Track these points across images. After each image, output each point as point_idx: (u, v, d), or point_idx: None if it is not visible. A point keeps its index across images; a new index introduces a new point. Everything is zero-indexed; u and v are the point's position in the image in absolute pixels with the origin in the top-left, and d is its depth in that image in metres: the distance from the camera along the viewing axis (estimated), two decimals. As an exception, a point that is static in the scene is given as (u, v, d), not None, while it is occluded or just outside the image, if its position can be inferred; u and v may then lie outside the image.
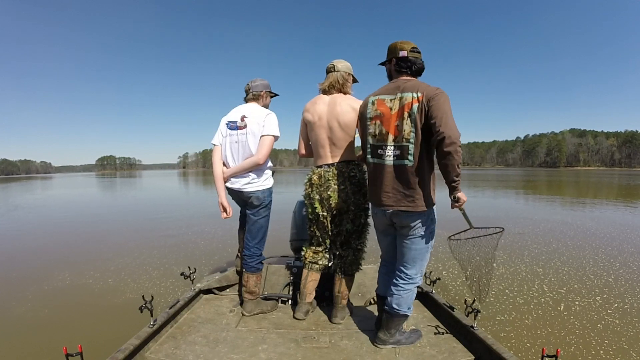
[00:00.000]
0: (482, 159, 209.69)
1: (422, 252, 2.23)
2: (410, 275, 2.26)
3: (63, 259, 6.00)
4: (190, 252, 6.24)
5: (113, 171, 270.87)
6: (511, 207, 12.63)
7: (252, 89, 2.82)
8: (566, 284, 4.34)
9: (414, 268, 2.25)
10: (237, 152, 2.71)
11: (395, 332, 2.30)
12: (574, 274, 4.74)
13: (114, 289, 4.47)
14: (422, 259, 2.25)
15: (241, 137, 2.68)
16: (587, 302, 3.81)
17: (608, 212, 10.77)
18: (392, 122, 2.10)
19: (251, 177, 2.69)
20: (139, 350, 2.09)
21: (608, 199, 15.47)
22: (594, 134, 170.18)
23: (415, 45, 2.20)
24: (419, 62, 2.18)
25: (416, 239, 2.18)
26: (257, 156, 2.63)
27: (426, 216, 2.14)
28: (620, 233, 7.43)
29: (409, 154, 2.05)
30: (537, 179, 37.45)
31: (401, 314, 2.26)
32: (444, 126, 1.90)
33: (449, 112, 1.96)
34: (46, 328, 3.45)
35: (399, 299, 2.25)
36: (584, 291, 4.10)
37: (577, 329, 3.22)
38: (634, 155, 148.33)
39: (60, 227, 9.34)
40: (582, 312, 3.57)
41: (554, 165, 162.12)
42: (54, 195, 22.82)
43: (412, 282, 2.26)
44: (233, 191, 2.78)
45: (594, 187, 24.22)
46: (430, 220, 2.17)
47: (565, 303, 3.78)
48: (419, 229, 2.15)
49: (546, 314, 3.55)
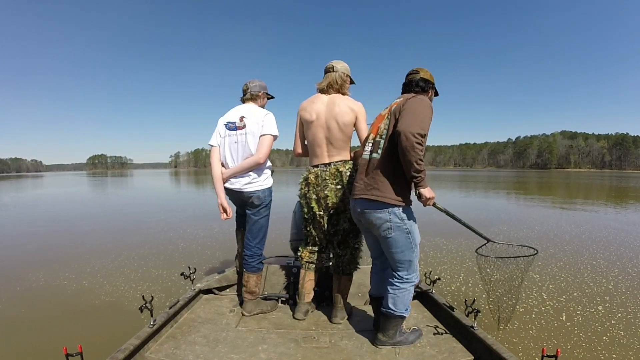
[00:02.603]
0: (474, 160, 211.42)
1: (405, 254, 2.22)
2: (402, 276, 2.25)
3: (39, 259, 5.83)
4: (169, 254, 6.06)
5: (104, 170, 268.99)
6: (503, 208, 12.52)
7: (250, 89, 2.84)
8: (565, 292, 4.17)
9: (404, 269, 2.25)
10: (237, 153, 2.71)
11: (394, 334, 2.29)
12: (572, 280, 4.57)
13: (89, 290, 4.35)
14: (408, 259, 2.23)
15: (240, 138, 2.70)
16: (589, 311, 3.63)
17: (602, 214, 10.69)
18: (377, 124, 2.28)
19: (251, 177, 2.70)
20: (138, 350, 2.10)
21: (600, 200, 15.44)
22: (585, 136, 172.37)
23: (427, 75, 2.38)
24: (412, 83, 2.34)
25: (391, 240, 2.19)
26: (257, 155, 2.65)
27: (392, 214, 2.13)
28: (617, 237, 7.30)
29: (379, 148, 2.17)
30: (528, 180, 37.56)
31: (398, 315, 2.25)
32: (402, 122, 1.98)
33: (417, 111, 2.02)
34: (19, 330, 3.33)
35: (394, 298, 2.25)
36: (585, 300, 3.94)
37: (583, 342, 3.04)
38: (625, 158, 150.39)
39: (40, 227, 8.99)
40: (586, 322, 3.40)
41: (544, 166, 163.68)
42: (41, 194, 22.25)
43: (406, 282, 2.26)
44: (232, 192, 2.76)
45: (586, 189, 24.30)
46: (400, 219, 2.14)
47: (567, 313, 3.61)
48: (388, 229, 2.16)
49: (549, 324, 3.38)
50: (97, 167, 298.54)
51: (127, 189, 26.49)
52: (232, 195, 2.80)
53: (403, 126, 1.96)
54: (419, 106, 2.06)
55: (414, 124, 1.95)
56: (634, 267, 5.16)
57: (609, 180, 39.49)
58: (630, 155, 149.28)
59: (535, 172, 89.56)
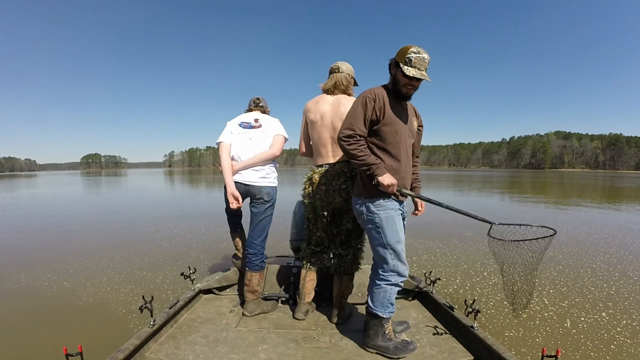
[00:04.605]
0: (468, 160, 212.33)
1: (378, 250, 2.21)
2: (379, 272, 2.23)
3: (22, 260, 5.71)
4: (153, 256, 5.89)
5: (98, 169, 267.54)
6: (498, 209, 12.42)
7: (262, 103, 3.05)
8: (567, 297, 4.02)
9: (380, 265, 2.24)
10: (251, 149, 2.79)
11: (375, 335, 2.23)
12: (573, 285, 4.43)
13: (70, 292, 4.26)
14: (383, 254, 2.20)
15: (255, 135, 2.83)
16: (593, 318, 3.49)
17: (597, 214, 10.63)
18: None
19: (265, 171, 2.79)
20: (138, 350, 2.09)
21: (594, 200, 15.38)
22: (578, 137, 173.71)
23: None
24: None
25: (367, 232, 2.28)
26: (273, 149, 2.79)
27: (363, 205, 2.20)
28: (615, 238, 7.20)
29: None
30: (522, 180, 37.65)
31: (374, 312, 2.22)
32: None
33: (349, 113, 2.18)
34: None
35: (372, 295, 2.26)
36: (587, 306, 3.79)
37: (590, 351, 2.90)
38: (618, 158, 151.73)
39: (26, 227, 8.74)
40: (591, 330, 3.26)
41: (538, 166, 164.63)
42: (32, 194, 21.94)
43: (383, 279, 2.22)
44: (242, 185, 2.77)
45: (580, 189, 24.34)
46: (371, 212, 2.17)
47: (570, 319, 3.46)
48: (363, 221, 2.26)
49: (554, 331, 3.24)
50: (91, 167, 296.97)
51: (119, 189, 26.22)
52: (240, 189, 2.79)
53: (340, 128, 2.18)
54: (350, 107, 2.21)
55: (343, 128, 2.13)
56: (635, 270, 5.03)
57: (603, 180, 39.73)
58: (623, 156, 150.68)
59: (529, 172, 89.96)
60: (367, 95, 2.13)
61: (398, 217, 2.20)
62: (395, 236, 2.18)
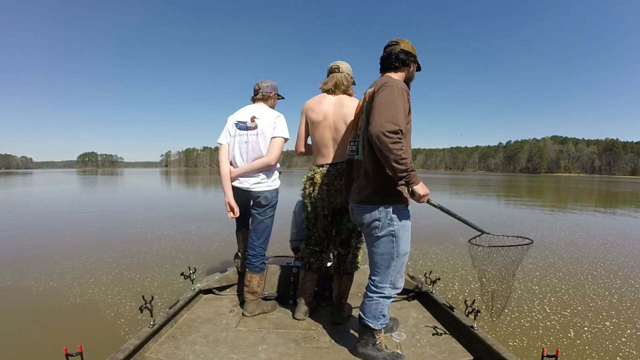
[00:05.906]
0: (465, 163, 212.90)
1: (386, 258, 2.06)
2: (375, 283, 2.12)
3: (8, 259, 5.63)
4: (142, 257, 5.79)
5: (94, 168, 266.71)
6: (495, 212, 12.36)
7: (262, 90, 2.84)
8: (569, 306, 3.91)
9: (379, 275, 2.11)
10: (247, 152, 2.72)
11: (365, 344, 2.16)
12: (574, 293, 4.32)
13: (57, 292, 4.21)
14: (387, 266, 2.07)
15: (251, 138, 2.70)
16: (597, 327, 3.38)
17: (595, 219, 10.57)
18: (356, 120, 2.19)
19: (261, 177, 2.72)
20: (138, 350, 2.08)
21: (591, 204, 15.34)
22: (575, 141, 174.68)
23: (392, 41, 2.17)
24: (391, 56, 2.12)
25: (375, 239, 2.06)
26: (268, 157, 2.68)
27: (382, 212, 1.99)
28: (615, 244, 7.12)
29: (360, 148, 2.08)
30: (519, 184, 37.67)
31: (365, 322, 2.14)
32: (373, 123, 1.82)
33: (385, 106, 1.84)
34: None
35: (363, 305, 2.17)
36: (590, 314, 3.68)
37: (596, 364, 2.80)
38: (614, 163, 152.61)
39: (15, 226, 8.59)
40: (596, 340, 3.15)
41: (534, 171, 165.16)
42: (27, 192, 21.71)
43: (377, 291, 2.11)
44: (240, 190, 2.75)
45: (576, 193, 24.40)
46: (389, 219, 1.99)
47: (574, 329, 3.35)
48: (375, 228, 2.03)
49: (558, 341, 3.13)
50: (87, 165, 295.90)
51: (114, 188, 26.06)
52: (239, 193, 2.77)
53: (374, 128, 1.80)
54: (387, 99, 1.87)
55: (384, 122, 1.79)
56: (637, 277, 4.94)
57: (599, 184, 39.85)
58: (619, 161, 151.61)
59: (525, 176, 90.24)
60: (402, 87, 1.94)
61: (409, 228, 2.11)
62: (407, 247, 2.09)
